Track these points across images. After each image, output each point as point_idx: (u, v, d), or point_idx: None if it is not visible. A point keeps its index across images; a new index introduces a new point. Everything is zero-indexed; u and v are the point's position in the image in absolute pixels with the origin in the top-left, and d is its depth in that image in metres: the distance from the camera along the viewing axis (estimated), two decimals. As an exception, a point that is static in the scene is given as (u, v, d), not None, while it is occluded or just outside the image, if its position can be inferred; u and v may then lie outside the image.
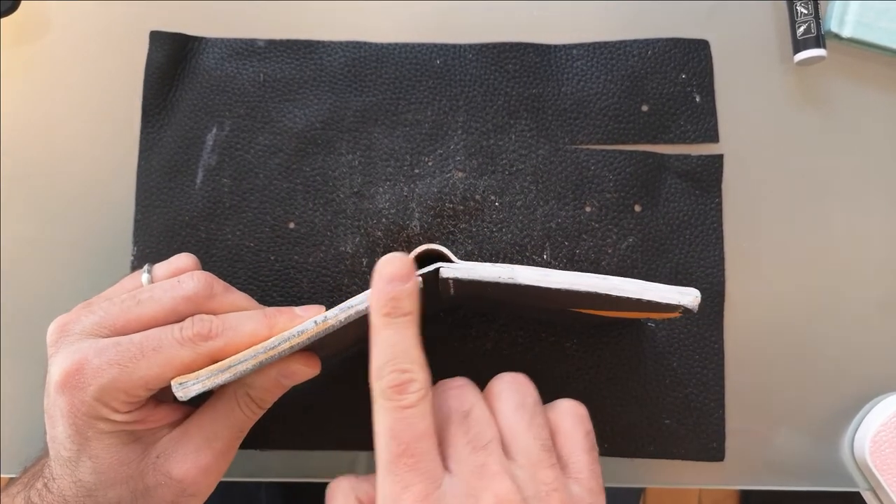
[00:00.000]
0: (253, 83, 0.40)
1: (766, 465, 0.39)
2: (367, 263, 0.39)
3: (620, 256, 0.39)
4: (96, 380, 0.28)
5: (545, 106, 0.40)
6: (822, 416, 0.39)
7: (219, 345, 0.30)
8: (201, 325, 0.30)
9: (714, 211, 0.40)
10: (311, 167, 0.39)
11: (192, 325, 0.30)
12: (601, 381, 0.38)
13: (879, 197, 0.40)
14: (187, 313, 0.31)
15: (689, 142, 0.40)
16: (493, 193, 0.39)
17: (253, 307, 0.33)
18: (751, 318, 0.39)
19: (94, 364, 0.28)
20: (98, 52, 0.41)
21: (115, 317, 0.30)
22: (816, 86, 0.41)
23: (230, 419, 0.32)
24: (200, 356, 0.29)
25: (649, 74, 0.40)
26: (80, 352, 0.29)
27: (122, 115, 0.40)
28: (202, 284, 0.31)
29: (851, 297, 0.40)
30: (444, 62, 0.40)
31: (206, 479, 0.31)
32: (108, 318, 0.30)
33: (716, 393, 0.38)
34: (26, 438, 0.39)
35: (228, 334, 0.30)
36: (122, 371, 0.28)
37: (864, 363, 0.40)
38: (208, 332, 0.29)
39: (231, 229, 0.39)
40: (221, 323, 0.30)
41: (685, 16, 0.41)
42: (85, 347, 0.29)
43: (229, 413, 0.32)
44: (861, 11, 0.40)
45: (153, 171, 0.39)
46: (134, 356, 0.29)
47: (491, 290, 0.30)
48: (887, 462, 0.38)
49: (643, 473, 0.39)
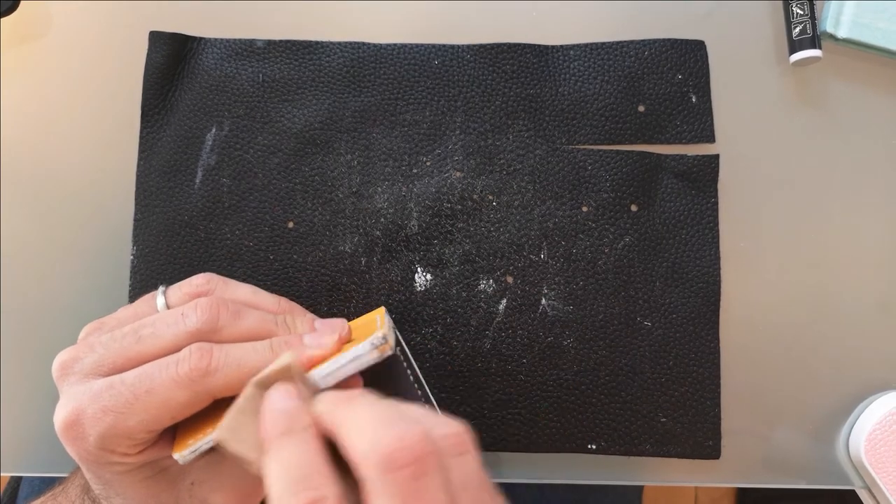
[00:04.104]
0: (252, 83, 0.40)
1: (763, 464, 0.39)
2: (365, 263, 0.39)
3: (617, 256, 0.39)
4: (94, 429, 0.27)
5: (542, 106, 0.40)
6: (818, 414, 0.40)
7: (218, 383, 0.27)
8: (199, 357, 0.27)
9: (710, 210, 0.40)
10: (309, 167, 0.40)
11: (189, 358, 0.27)
12: (599, 380, 0.38)
13: (874, 197, 0.41)
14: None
15: (686, 142, 0.40)
16: (490, 193, 0.39)
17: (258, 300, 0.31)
18: (747, 317, 0.40)
19: (88, 413, 0.27)
20: (97, 52, 0.41)
21: (116, 355, 0.28)
22: (812, 86, 0.41)
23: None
24: (198, 395, 0.27)
25: (646, 75, 0.40)
26: (75, 399, 0.27)
27: (121, 115, 0.40)
28: (206, 318, 0.29)
29: (847, 297, 0.40)
30: (442, 63, 0.40)
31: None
32: (108, 357, 0.28)
33: (712, 391, 0.39)
34: (26, 438, 0.39)
35: (229, 371, 0.27)
36: (117, 418, 0.27)
37: (859, 362, 0.40)
38: (206, 367, 0.27)
39: (230, 229, 0.39)
40: (223, 355, 0.28)
41: (682, 16, 0.41)
42: (80, 394, 0.27)
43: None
44: (857, 12, 0.40)
45: (152, 170, 0.40)
46: (126, 401, 0.27)
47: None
48: (882, 460, 0.38)
49: (640, 471, 0.39)
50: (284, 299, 0.33)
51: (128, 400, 0.27)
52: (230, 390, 0.28)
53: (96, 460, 0.28)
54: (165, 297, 0.31)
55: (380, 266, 0.39)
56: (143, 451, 0.28)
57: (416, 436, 0.22)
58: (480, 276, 0.39)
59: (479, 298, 0.39)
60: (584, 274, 0.39)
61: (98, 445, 0.27)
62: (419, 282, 0.39)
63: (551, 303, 0.39)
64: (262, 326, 0.30)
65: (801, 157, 0.41)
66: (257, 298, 0.32)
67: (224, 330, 0.29)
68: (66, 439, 0.28)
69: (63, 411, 0.28)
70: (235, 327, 0.29)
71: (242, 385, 0.27)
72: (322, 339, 0.29)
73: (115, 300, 0.39)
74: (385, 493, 0.21)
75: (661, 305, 0.39)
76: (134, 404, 0.27)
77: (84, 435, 0.27)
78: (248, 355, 0.28)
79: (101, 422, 0.27)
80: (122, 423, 0.27)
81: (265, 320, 0.30)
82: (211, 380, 0.27)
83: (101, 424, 0.27)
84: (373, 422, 0.22)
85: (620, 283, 0.39)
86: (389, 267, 0.39)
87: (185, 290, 0.31)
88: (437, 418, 0.24)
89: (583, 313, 0.39)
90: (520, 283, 0.39)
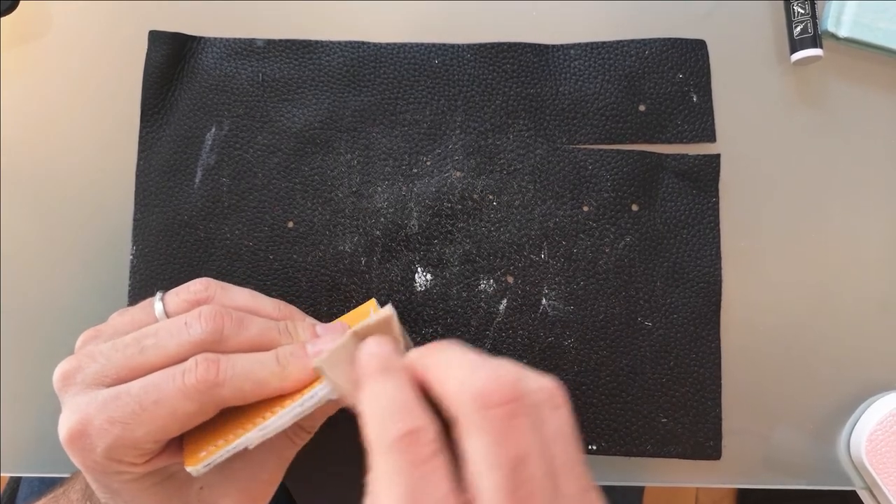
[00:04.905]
0: (252, 83, 0.40)
1: (763, 464, 0.39)
2: (365, 262, 0.39)
3: (618, 256, 0.39)
4: (101, 440, 0.27)
5: (543, 106, 0.40)
6: (819, 414, 0.40)
7: (225, 395, 0.27)
8: (206, 368, 0.27)
9: (711, 210, 0.40)
10: (309, 167, 0.40)
11: (196, 369, 0.27)
12: (599, 381, 0.38)
13: (875, 196, 0.41)
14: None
15: (687, 141, 0.40)
16: (491, 193, 0.39)
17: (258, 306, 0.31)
18: (748, 317, 0.40)
19: (95, 424, 0.27)
20: (97, 52, 0.41)
21: (119, 365, 0.28)
22: (813, 85, 0.41)
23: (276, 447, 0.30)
24: (206, 406, 0.27)
25: (646, 74, 0.40)
26: (80, 410, 0.27)
27: (121, 115, 0.40)
28: (211, 328, 0.28)
29: (848, 297, 0.40)
30: (443, 62, 0.40)
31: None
32: (111, 367, 0.28)
33: (712, 392, 0.39)
34: (26, 438, 0.39)
35: (236, 383, 0.27)
36: (125, 429, 0.26)
37: (860, 362, 0.40)
38: (214, 378, 0.27)
39: (230, 228, 0.39)
40: (230, 366, 0.27)
41: (682, 16, 0.41)
42: (86, 404, 0.27)
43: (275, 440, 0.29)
44: (858, 11, 0.40)
45: (152, 170, 0.40)
46: (133, 412, 0.27)
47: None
48: (883, 461, 0.38)
49: (640, 472, 0.39)
50: (283, 303, 0.33)
51: (134, 410, 0.27)
52: (237, 401, 0.28)
53: (103, 470, 0.28)
54: (163, 303, 0.31)
55: (380, 266, 0.39)
56: (150, 461, 0.28)
57: (510, 377, 0.22)
58: (481, 276, 0.39)
59: (480, 298, 0.39)
60: (585, 274, 0.39)
61: (105, 456, 0.27)
62: (419, 282, 0.39)
63: (552, 303, 0.39)
64: (266, 335, 0.30)
65: (801, 157, 0.41)
66: (256, 303, 0.32)
67: (229, 340, 0.29)
68: (72, 450, 0.27)
69: (69, 422, 0.27)
70: (239, 337, 0.29)
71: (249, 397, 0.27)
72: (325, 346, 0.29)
73: (115, 300, 0.39)
74: (479, 429, 0.21)
75: (661, 305, 0.39)
76: (141, 415, 0.27)
77: (91, 446, 0.27)
78: (255, 367, 0.28)
79: (108, 433, 0.27)
80: (129, 433, 0.27)
81: (268, 328, 0.30)
82: (219, 391, 0.27)
83: (109, 436, 0.27)
84: (467, 364, 0.23)
85: (621, 283, 0.39)
86: (389, 267, 0.39)
87: (184, 296, 0.31)
88: (531, 372, 0.24)
89: (583, 313, 0.39)
90: (520, 283, 0.39)
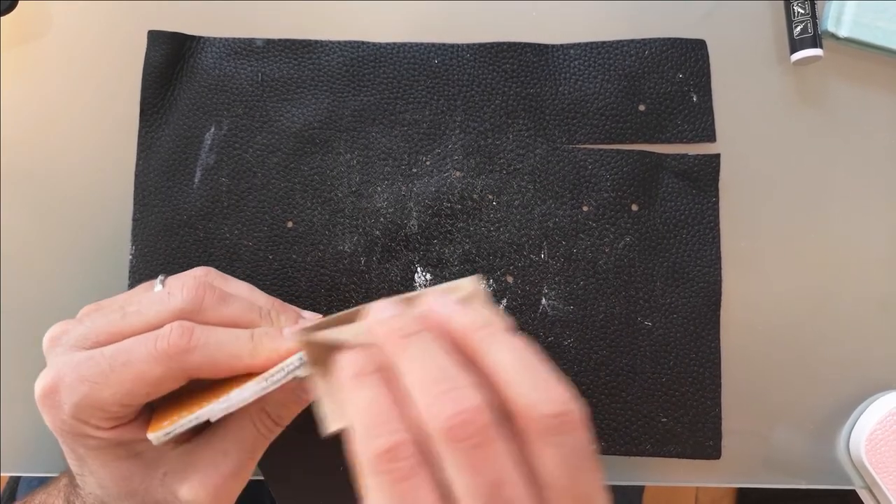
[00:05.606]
0: (251, 82, 0.40)
1: (763, 464, 0.39)
2: (364, 262, 0.39)
3: (617, 255, 0.39)
4: (70, 398, 0.27)
5: (543, 105, 0.40)
6: (819, 414, 0.40)
7: (194, 361, 0.27)
8: (180, 334, 0.27)
9: (711, 210, 0.40)
10: (309, 166, 0.40)
11: (170, 334, 0.27)
12: (599, 380, 0.38)
13: (875, 196, 0.41)
14: None
15: (686, 141, 0.40)
16: (490, 193, 0.39)
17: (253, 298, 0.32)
18: (747, 317, 0.40)
19: (66, 381, 0.27)
20: (97, 52, 0.41)
21: (100, 329, 0.29)
22: (813, 85, 0.41)
23: (242, 437, 0.30)
24: (173, 372, 0.27)
25: (646, 74, 0.40)
26: (56, 367, 0.28)
27: (120, 115, 0.40)
28: (191, 297, 0.29)
29: (848, 297, 0.40)
30: (442, 62, 0.40)
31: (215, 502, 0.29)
32: (93, 331, 0.29)
33: (712, 391, 0.39)
34: (26, 438, 0.39)
35: (208, 350, 0.27)
36: (92, 388, 0.27)
37: (860, 362, 0.40)
38: (186, 345, 0.27)
39: (229, 228, 0.39)
40: (203, 335, 0.28)
41: (682, 16, 0.41)
42: (62, 363, 0.28)
43: (241, 430, 0.30)
44: (858, 11, 0.40)
45: (151, 170, 0.40)
46: (102, 371, 0.27)
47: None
48: (883, 460, 0.38)
49: (640, 471, 0.39)
50: (279, 301, 0.33)
51: (104, 371, 0.27)
52: (206, 372, 0.28)
53: (70, 430, 0.28)
54: (164, 285, 0.31)
55: (379, 266, 0.39)
56: (116, 427, 0.28)
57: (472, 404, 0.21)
58: (480, 275, 0.39)
59: (479, 298, 0.38)
60: (585, 274, 0.39)
61: (72, 415, 0.27)
62: (419, 282, 0.39)
63: (551, 303, 0.39)
64: (246, 315, 0.30)
65: (801, 157, 0.41)
66: (252, 296, 0.32)
67: (208, 312, 0.29)
68: (43, 407, 0.28)
69: (45, 377, 0.28)
70: (219, 311, 0.29)
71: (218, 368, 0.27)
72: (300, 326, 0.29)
73: (115, 300, 0.39)
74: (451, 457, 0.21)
75: (661, 305, 0.39)
76: (109, 375, 0.27)
77: (59, 403, 0.27)
78: (229, 340, 0.28)
79: (76, 391, 0.27)
80: (96, 392, 0.27)
81: (250, 310, 0.30)
82: (189, 357, 0.27)
83: (76, 394, 0.27)
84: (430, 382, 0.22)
85: (621, 283, 0.39)
86: (389, 267, 0.39)
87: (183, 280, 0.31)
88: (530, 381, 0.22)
89: (583, 313, 0.39)
90: (520, 282, 0.39)
